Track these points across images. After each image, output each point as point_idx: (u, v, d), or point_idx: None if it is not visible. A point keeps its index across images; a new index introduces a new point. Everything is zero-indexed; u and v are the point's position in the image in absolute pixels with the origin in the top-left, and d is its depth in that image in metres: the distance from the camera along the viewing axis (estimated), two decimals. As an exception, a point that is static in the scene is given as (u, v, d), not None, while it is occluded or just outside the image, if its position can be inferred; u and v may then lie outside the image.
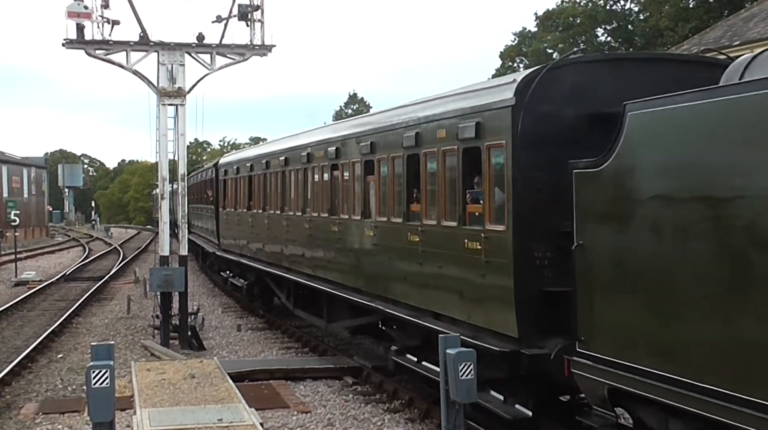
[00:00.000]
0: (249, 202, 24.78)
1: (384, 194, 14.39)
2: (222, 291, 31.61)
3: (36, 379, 16.98)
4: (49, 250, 60.00)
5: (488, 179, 10.95)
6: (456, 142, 11.69)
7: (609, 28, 61.46)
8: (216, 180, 30.88)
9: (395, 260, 13.86)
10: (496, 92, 11.02)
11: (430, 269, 12.57)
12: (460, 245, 11.53)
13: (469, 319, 11.44)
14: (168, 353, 18.58)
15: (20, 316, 25.84)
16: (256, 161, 24.18)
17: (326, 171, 17.44)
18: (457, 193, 11.74)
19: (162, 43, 20.11)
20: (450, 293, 11.96)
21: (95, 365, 9.77)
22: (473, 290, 11.30)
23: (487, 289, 10.89)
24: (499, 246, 10.56)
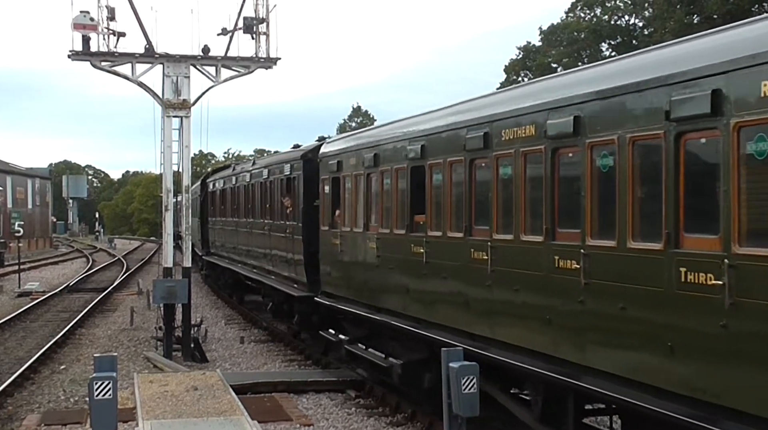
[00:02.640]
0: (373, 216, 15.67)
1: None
2: (225, 303, 31.59)
3: (38, 390, 16.96)
4: (53, 261, 60.04)
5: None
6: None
7: (613, 43, 61.59)
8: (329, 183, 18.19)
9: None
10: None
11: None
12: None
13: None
14: (171, 365, 18.55)
15: (23, 327, 25.84)
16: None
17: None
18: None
19: (167, 55, 20.17)
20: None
21: (98, 377, 9.78)
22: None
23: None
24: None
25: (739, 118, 7.10)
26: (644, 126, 8.19)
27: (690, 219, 7.79)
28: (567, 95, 9.58)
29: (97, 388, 9.69)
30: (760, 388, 6.92)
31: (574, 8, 64.51)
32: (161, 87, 20.25)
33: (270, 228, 22.98)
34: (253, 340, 22.88)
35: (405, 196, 13.76)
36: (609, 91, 8.81)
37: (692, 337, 7.64)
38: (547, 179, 9.71)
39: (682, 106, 7.66)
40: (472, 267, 11.33)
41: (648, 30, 59.79)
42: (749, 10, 49.57)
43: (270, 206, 23.21)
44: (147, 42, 20.12)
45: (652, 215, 8.18)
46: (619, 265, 8.53)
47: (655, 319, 8.04)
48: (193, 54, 20.34)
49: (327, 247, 17.90)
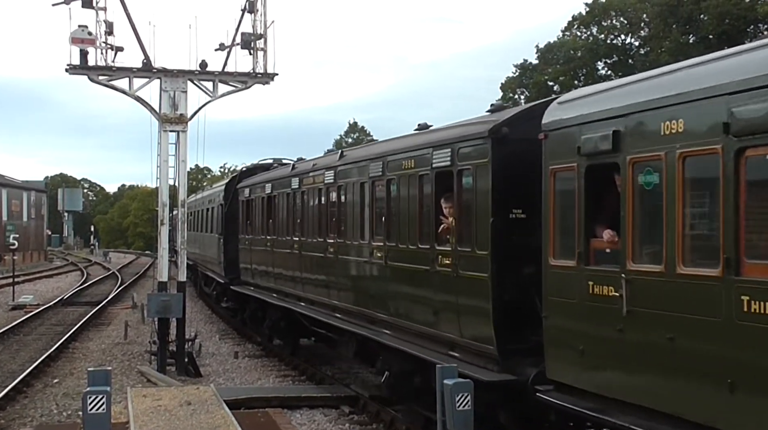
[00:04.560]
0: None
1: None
2: (220, 318, 31.53)
3: (31, 404, 16.90)
4: (48, 274, 59.91)
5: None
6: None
7: (609, 61, 61.93)
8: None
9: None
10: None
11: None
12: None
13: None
14: (164, 380, 18.51)
15: (17, 340, 25.76)
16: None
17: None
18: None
19: (165, 70, 20.21)
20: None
21: (91, 391, 9.78)
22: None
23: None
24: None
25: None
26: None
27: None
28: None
29: (91, 402, 9.69)
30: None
31: (570, 27, 64.88)
32: (158, 101, 20.27)
33: (397, 255, 13.94)
34: (248, 355, 22.83)
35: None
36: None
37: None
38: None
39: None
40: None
41: (644, 49, 60.15)
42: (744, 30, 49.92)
43: (392, 221, 14.16)
44: (145, 57, 20.17)
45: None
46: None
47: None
48: (191, 69, 20.38)
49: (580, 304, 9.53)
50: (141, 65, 20.17)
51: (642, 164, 8.55)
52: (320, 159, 19.22)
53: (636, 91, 8.91)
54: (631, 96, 8.89)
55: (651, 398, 8.35)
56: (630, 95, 8.94)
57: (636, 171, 8.61)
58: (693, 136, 7.89)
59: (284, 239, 20.69)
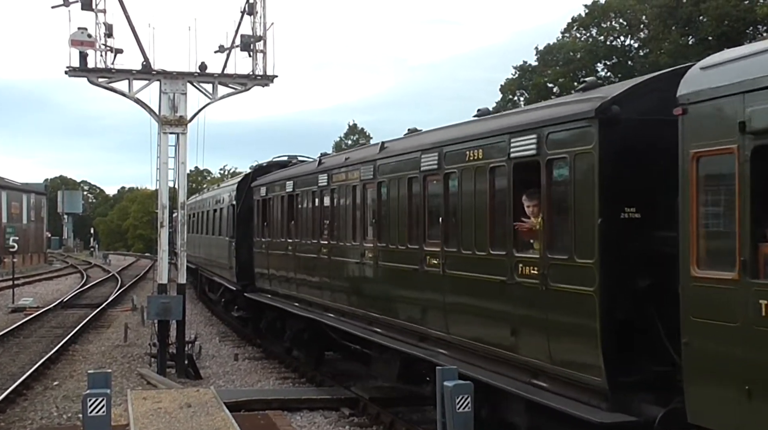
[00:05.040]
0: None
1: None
2: (220, 319, 31.51)
3: (31, 406, 16.89)
4: (47, 276, 59.89)
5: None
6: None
7: (609, 63, 61.93)
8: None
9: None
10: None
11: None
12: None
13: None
14: (164, 382, 18.50)
15: (17, 342, 25.74)
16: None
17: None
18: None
19: (164, 72, 20.22)
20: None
21: (91, 393, 9.78)
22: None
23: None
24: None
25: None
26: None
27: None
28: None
29: (91, 404, 9.68)
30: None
31: (570, 28, 64.89)
32: (158, 104, 20.29)
33: (459, 263, 11.83)
34: (248, 357, 22.82)
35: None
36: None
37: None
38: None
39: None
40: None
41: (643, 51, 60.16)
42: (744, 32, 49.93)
43: (452, 223, 12.13)
44: (144, 59, 20.18)
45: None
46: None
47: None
48: (190, 71, 20.40)
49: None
50: (140, 67, 20.18)
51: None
52: (354, 152, 17.39)
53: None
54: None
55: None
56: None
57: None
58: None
59: (309, 243, 18.67)
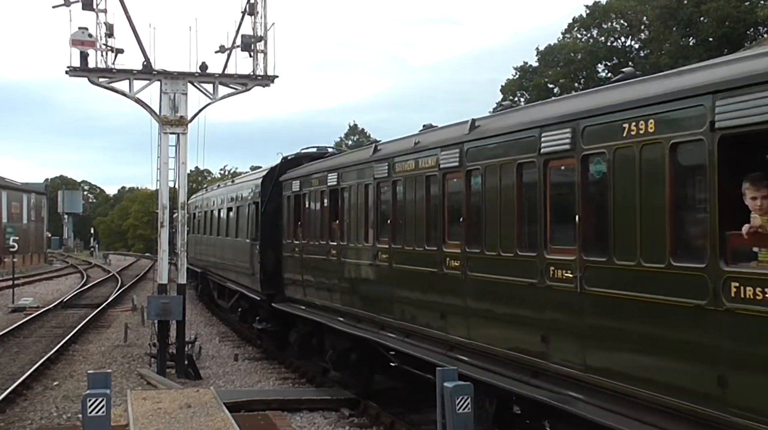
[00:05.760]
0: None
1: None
2: (220, 320, 31.51)
3: (31, 406, 16.89)
4: (47, 276, 59.89)
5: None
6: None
7: (609, 64, 61.96)
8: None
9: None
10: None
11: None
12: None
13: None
14: (164, 382, 18.50)
15: (16, 342, 25.74)
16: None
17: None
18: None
19: (165, 72, 20.22)
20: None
21: (91, 394, 9.76)
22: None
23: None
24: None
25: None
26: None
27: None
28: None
29: (91, 405, 9.67)
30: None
31: (570, 29, 64.94)
32: (158, 103, 20.29)
33: (610, 279, 8.70)
34: (248, 357, 22.81)
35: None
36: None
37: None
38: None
39: None
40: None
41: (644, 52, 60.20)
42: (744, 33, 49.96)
43: (594, 222, 9.27)
44: (145, 59, 20.18)
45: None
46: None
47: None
48: (191, 71, 20.40)
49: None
50: (141, 67, 20.18)
51: None
52: (424, 135, 14.04)
53: None
54: None
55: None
56: None
57: None
58: None
59: (361, 247, 15.77)
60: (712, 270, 7.22)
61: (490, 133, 11.41)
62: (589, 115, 9.12)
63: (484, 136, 11.51)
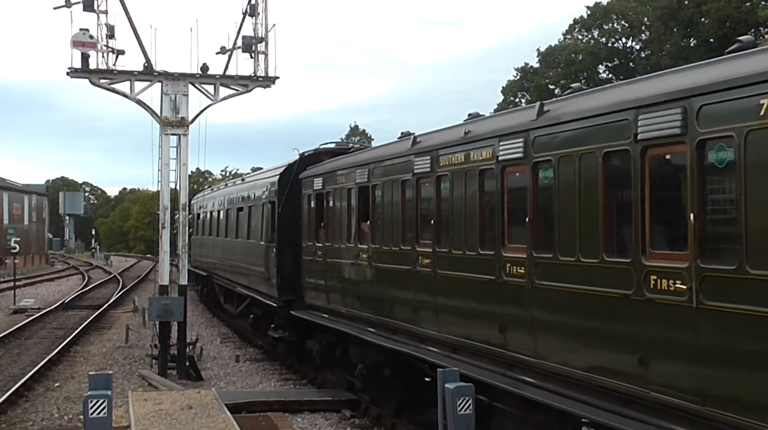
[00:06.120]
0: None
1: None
2: (221, 321, 31.51)
3: (32, 408, 16.89)
4: (49, 277, 59.90)
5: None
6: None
7: (610, 65, 61.99)
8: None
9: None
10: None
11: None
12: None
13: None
14: (165, 383, 18.50)
15: (18, 344, 25.74)
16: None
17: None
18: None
19: (166, 74, 20.23)
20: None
21: (93, 395, 9.77)
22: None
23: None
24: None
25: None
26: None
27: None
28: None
29: (92, 406, 9.68)
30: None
31: (572, 30, 64.94)
32: (159, 105, 20.30)
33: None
34: (249, 358, 22.81)
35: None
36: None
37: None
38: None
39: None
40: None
41: (645, 53, 60.21)
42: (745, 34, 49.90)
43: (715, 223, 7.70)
44: (146, 60, 20.19)
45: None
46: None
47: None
48: (192, 72, 20.41)
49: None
50: (142, 68, 20.20)
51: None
52: (476, 123, 12.40)
53: None
54: None
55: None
56: None
57: None
58: None
59: (395, 250, 14.12)
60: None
61: (566, 118, 9.69)
62: (708, 90, 7.47)
63: (557, 121, 9.83)
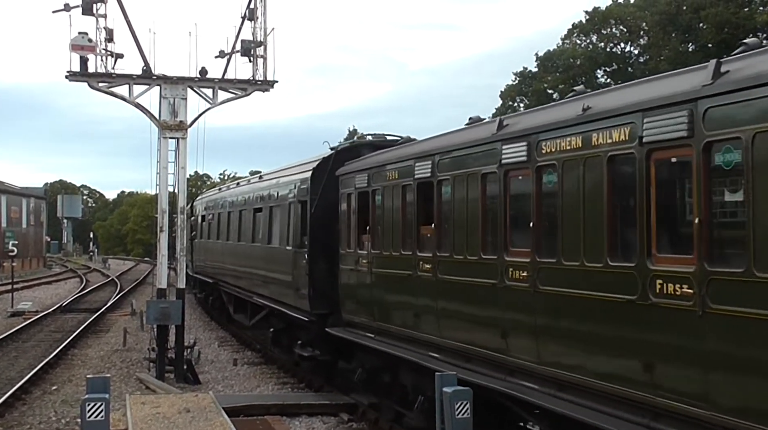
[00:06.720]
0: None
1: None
2: (218, 325, 31.49)
3: (29, 411, 16.87)
4: (46, 280, 59.85)
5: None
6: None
7: (609, 70, 62.02)
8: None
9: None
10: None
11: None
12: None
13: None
14: (163, 387, 18.49)
15: (15, 347, 25.73)
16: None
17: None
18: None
19: (165, 77, 20.24)
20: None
21: (90, 398, 9.78)
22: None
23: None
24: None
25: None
26: None
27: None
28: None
29: (89, 409, 9.68)
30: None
31: (570, 35, 64.98)
32: (158, 108, 20.30)
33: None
34: (247, 362, 22.81)
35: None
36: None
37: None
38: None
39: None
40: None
41: (643, 57, 60.27)
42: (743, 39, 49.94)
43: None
44: (145, 63, 20.20)
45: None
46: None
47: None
48: (191, 76, 20.41)
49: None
50: (141, 72, 20.20)
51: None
52: (599, 96, 9.88)
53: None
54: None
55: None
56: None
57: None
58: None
59: (473, 260, 11.59)
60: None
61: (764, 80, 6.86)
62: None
63: (746, 85, 7.10)
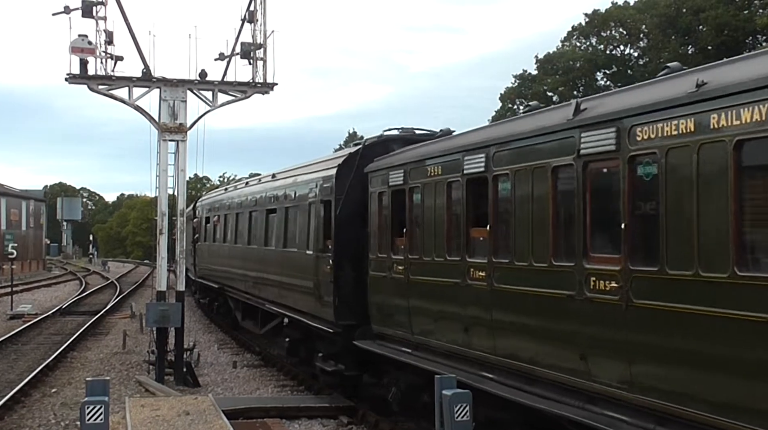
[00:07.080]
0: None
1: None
2: (218, 327, 31.48)
3: (29, 414, 16.85)
4: (46, 283, 59.84)
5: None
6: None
7: (608, 72, 62.08)
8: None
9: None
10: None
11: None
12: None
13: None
14: (163, 390, 18.47)
15: (15, 349, 25.71)
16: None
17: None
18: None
19: (164, 80, 20.24)
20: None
21: (90, 401, 9.77)
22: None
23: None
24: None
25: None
26: None
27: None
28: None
29: (89, 412, 9.67)
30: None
31: (570, 37, 65.06)
32: (158, 111, 20.30)
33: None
34: (246, 364, 22.79)
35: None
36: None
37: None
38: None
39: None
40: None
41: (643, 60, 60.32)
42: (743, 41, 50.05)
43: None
44: (144, 66, 20.20)
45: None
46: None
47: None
48: (190, 78, 20.41)
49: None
50: (141, 75, 20.20)
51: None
52: (717, 69, 8.45)
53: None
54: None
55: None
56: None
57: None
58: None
59: (538, 267, 10.15)
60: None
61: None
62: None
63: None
